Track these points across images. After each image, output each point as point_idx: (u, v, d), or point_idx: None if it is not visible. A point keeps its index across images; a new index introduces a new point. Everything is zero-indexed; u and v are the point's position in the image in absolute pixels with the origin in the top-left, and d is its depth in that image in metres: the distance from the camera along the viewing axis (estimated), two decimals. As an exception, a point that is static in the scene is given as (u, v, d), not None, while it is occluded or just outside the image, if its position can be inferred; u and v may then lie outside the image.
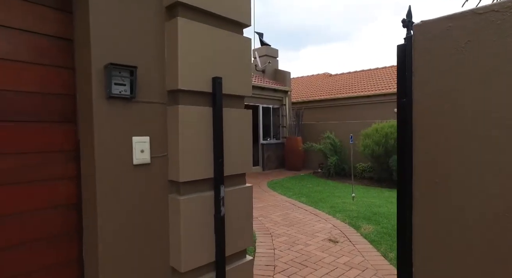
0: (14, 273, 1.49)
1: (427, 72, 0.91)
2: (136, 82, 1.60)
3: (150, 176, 1.69)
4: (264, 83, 12.57)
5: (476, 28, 0.84)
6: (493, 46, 0.80)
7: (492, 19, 0.82)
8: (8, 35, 1.46)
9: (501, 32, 0.81)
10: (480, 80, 0.81)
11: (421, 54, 0.93)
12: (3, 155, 1.45)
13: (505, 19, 0.79)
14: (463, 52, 0.86)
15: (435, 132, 0.91)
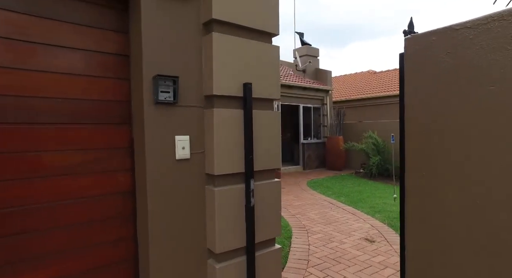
0: (87, 244, 1.86)
1: (415, 79, 1.04)
2: (178, 90, 1.89)
3: (190, 169, 1.97)
4: (305, 83, 12.60)
5: (454, 41, 0.95)
6: (467, 57, 0.91)
7: (466, 34, 0.94)
8: (83, 56, 1.84)
9: (473, 45, 0.92)
10: (457, 87, 0.93)
11: (410, 63, 1.06)
12: (84, 151, 1.83)
13: (476, 34, 0.91)
14: (443, 62, 0.98)
15: (421, 131, 1.03)
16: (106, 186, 1.94)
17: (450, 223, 0.97)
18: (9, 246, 1.65)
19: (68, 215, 1.81)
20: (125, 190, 2.01)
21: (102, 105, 1.92)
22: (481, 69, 0.88)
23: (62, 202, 1.80)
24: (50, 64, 1.75)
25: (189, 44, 1.96)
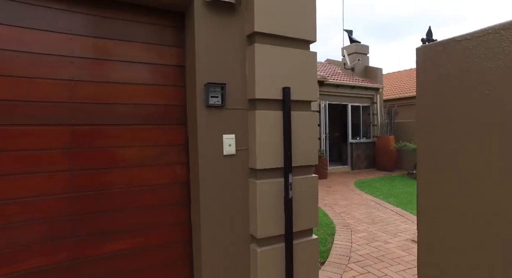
0: (153, 225, 2.25)
1: (424, 84, 1.17)
2: (225, 95, 2.18)
3: (235, 164, 2.26)
4: (353, 81, 12.34)
5: (456, 51, 1.08)
6: (467, 64, 1.03)
7: (466, 45, 1.05)
8: (150, 69, 2.23)
9: (472, 54, 1.04)
10: (459, 91, 1.05)
11: (420, 70, 1.19)
12: (150, 147, 2.23)
13: (474, 45, 1.03)
14: (447, 69, 1.10)
15: (428, 132, 1.16)
16: (167, 177, 2.31)
17: (449, 212, 1.10)
18: (98, 220, 2.09)
19: (139, 199, 2.22)
20: (181, 181, 2.37)
21: (164, 109, 2.30)
22: (478, 75, 1.01)
23: (134, 188, 2.20)
24: (126, 77, 2.17)
25: (235, 54, 2.24)
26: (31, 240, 1.92)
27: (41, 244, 1.94)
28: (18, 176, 1.87)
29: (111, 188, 2.14)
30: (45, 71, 1.95)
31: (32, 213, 1.92)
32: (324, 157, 10.43)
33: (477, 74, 1.00)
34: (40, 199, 1.93)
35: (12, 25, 1.86)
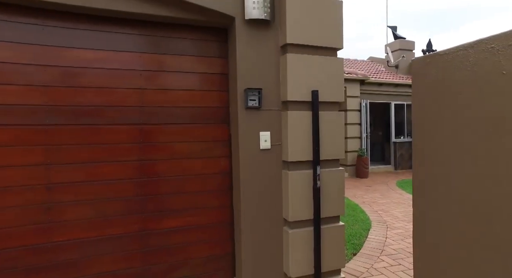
0: (201, 207, 2.72)
1: (416, 90, 1.43)
2: (261, 98, 2.57)
3: (270, 157, 2.63)
4: (397, 79, 12.02)
5: (438, 63, 1.32)
6: (447, 74, 1.29)
7: (446, 58, 1.29)
8: (200, 77, 2.70)
9: (449, 66, 1.28)
10: (442, 97, 1.31)
11: (415, 79, 1.45)
12: (199, 142, 2.70)
13: (451, 59, 1.28)
14: (433, 78, 1.36)
15: (421, 133, 1.42)
16: (213, 167, 2.76)
17: (438, 208, 1.36)
18: (159, 201, 2.61)
19: (190, 185, 2.69)
20: (225, 171, 2.80)
21: (210, 110, 2.75)
22: (455, 83, 1.27)
23: (186, 176, 2.68)
24: (180, 84, 2.66)
25: (270, 63, 2.62)
26: (112, 213, 2.48)
27: (119, 217, 2.50)
28: (104, 163, 2.44)
29: (169, 175, 2.64)
30: (122, 83, 2.50)
31: (113, 192, 2.48)
32: (364, 155, 10.36)
33: (452, 83, 1.26)
34: (119, 181, 2.49)
35: (99, 49, 2.43)
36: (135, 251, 2.57)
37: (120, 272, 2.54)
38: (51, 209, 2.35)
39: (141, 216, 2.57)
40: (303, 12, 2.56)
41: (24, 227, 2.28)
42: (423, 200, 1.45)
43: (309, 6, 2.57)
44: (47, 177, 2.32)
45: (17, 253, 2.27)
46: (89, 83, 2.43)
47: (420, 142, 1.44)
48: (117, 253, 2.53)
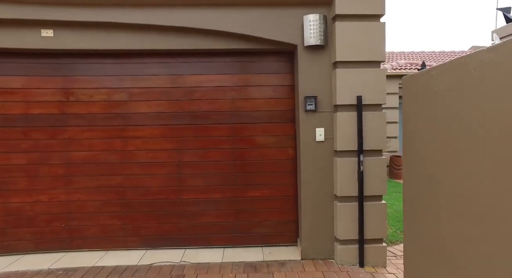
0: (276, 183, 3.76)
1: (405, 103, 2.12)
2: (317, 103, 3.44)
3: (324, 147, 3.48)
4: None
5: (417, 82, 2.00)
6: (422, 89, 1.96)
7: (421, 79, 1.97)
8: (275, 88, 3.74)
9: (426, 83, 1.96)
10: (420, 107, 1.98)
11: (405, 92, 2.14)
12: (273, 136, 3.74)
13: (425, 79, 1.96)
14: (416, 91, 2.03)
15: (408, 137, 2.09)
16: (283, 154, 3.76)
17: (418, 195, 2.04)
18: (245, 178, 3.75)
19: (267, 167, 3.76)
20: (291, 158, 3.77)
21: (281, 112, 3.75)
22: (429, 97, 1.96)
23: (263, 161, 3.76)
24: (260, 94, 3.74)
25: (324, 76, 3.46)
26: (215, 183, 3.74)
27: (219, 186, 3.75)
28: (211, 150, 3.72)
29: (252, 160, 3.76)
30: (220, 95, 3.73)
31: (216, 169, 3.73)
32: (398, 156, 9.68)
33: (429, 95, 1.96)
34: (219, 162, 3.73)
35: (207, 74, 3.71)
36: (229, 210, 3.79)
37: (220, 223, 3.79)
38: (180, 178, 3.74)
39: (233, 187, 3.77)
40: (350, 35, 3.32)
41: (167, 187, 3.73)
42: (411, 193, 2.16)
43: (355, 29, 3.32)
44: (178, 157, 3.72)
45: (163, 202, 3.73)
46: (201, 96, 3.73)
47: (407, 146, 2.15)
48: (218, 211, 3.78)
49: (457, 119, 1.63)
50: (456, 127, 1.62)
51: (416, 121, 1.97)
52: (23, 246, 3.67)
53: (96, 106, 3.70)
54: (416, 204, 2.02)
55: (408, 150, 2.08)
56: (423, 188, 1.91)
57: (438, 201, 1.76)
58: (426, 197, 1.89)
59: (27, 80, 3.63)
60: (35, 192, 3.66)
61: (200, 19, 3.40)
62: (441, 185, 1.72)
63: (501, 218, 1.26)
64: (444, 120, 1.70)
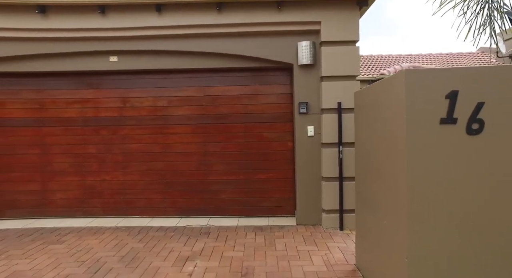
0: (278, 168, 4.94)
1: (355, 111, 3.22)
2: (308, 107, 4.58)
3: (313, 141, 4.61)
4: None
5: (361, 96, 3.13)
6: (363, 102, 3.06)
7: (363, 93, 3.10)
8: (278, 96, 4.92)
9: (365, 97, 3.08)
10: (362, 115, 3.07)
11: (354, 103, 3.25)
12: (276, 132, 4.93)
13: (365, 94, 3.09)
14: (361, 102, 3.15)
15: (357, 135, 3.20)
16: (283, 146, 4.93)
17: (361, 171, 3.15)
18: (254, 163, 4.95)
19: (271, 156, 4.95)
20: (290, 149, 4.93)
21: (282, 114, 4.92)
22: (364, 108, 3.08)
23: (269, 151, 4.94)
24: (266, 100, 4.93)
25: (313, 87, 4.60)
26: (231, 168, 4.97)
27: (235, 171, 4.97)
28: (228, 143, 4.95)
29: (260, 150, 4.96)
30: (236, 101, 4.95)
31: (232, 158, 4.96)
32: None
33: (362, 108, 3.08)
34: (235, 152, 4.96)
35: (226, 85, 4.95)
36: (242, 189, 5.00)
37: (235, 198, 5.01)
38: (206, 164, 4.99)
39: (245, 171, 4.97)
40: (333, 56, 4.43)
41: (197, 171, 5.00)
42: (360, 181, 3.29)
43: (336, 52, 4.43)
44: (204, 148, 4.98)
45: (193, 182, 5.00)
46: (221, 102, 4.96)
47: (356, 142, 3.28)
48: (234, 189, 5.00)
49: (372, 124, 2.78)
50: (372, 128, 2.77)
51: (359, 125, 3.10)
52: (95, 212, 5.05)
53: (144, 110, 5.02)
54: (360, 176, 3.15)
55: (357, 145, 3.20)
56: (363, 166, 3.05)
57: (369, 172, 2.89)
58: (364, 171, 3.01)
59: (97, 92, 5.00)
60: (103, 173, 5.03)
61: (221, 46, 4.63)
62: (371, 163, 2.86)
63: (391, 179, 2.43)
64: (369, 124, 2.83)
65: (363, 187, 3.04)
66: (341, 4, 4.40)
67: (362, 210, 3.13)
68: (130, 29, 4.53)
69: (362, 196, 3.09)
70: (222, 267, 3.32)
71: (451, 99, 2.04)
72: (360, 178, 3.14)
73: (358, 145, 3.17)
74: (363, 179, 3.06)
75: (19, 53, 4.62)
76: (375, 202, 2.72)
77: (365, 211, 3.01)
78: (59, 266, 3.40)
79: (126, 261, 3.50)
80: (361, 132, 3.05)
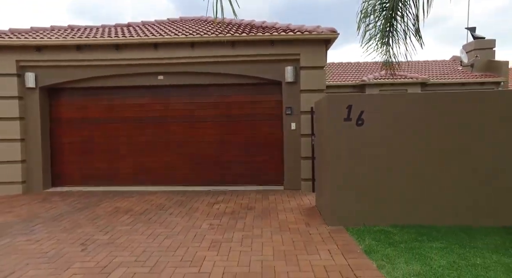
0: (270, 152, 7.21)
1: (315, 116, 5.45)
2: (292, 110, 6.83)
3: (295, 133, 6.86)
4: (466, 78, 13.49)
5: (317, 104, 5.38)
6: (318, 108, 5.28)
7: (318, 103, 5.34)
8: (270, 103, 7.18)
9: (318, 105, 5.33)
10: (318, 115, 5.27)
11: (314, 108, 5.48)
12: (271, 127, 7.19)
13: (318, 102, 5.35)
14: (318, 110, 5.38)
15: (316, 130, 5.40)
16: (275, 137, 7.19)
17: (318, 154, 5.38)
18: (253, 148, 7.22)
19: (267, 143, 7.22)
20: (280, 138, 7.19)
21: (275, 115, 7.18)
22: (318, 111, 5.34)
23: (266, 140, 7.21)
24: (263, 106, 7.19)
25: (295, 96, 6.84)
26: (239, 152, 7.24)
27: (242, 154, 7.24)
28: (237, 135, 7.23)
29: (259, 140, 7.22)
30: (243, 106, 7.22)
31: (241, 145, 7.23)
32: None
33: (318, 111, 5.34)
34: (242, 142, 7.23)
35: (235, 95, 7.22)
36: (247, 166, 7.25)
37: (243, 173, 7.30)
38: (222, 149, 7.26)
39: (249, 154, 7.24)
40: (308, 76, 6.68)
41: (216, 154, 7.28)
42: (318, 157, 5.56)
43: (310, 73, 6.68)
44: (221, 138, 7.26)
45: (213, 162, 7.28)
46: (233, 107, 7.22)
47: (316, 139, 5.54)
48: (241, 166, 7.27)
49: (319, 121, 5.08)
50: (319, 124, 5.08)
51: (316, 122, 5.37)
52: (147, 182, 7.33)
53: (179, 112, 7.29)
54: (318, 153, 5.44)
55: (317, 136, 5.48)
56: (318, 146, 5.33)
57: (320, 150, 5.17)
58: (318, 150, 5.29)
59: (148, 99, 7.28)
60: (152, 156, 7.31)
61: (233, 69, 6.89)
62: (321, 144, 5.15)
63: (326, 151, 4.78)
64: (319, 121, 5.12)
65: (318, 159, 5.30)
66: (313, 43, 6.65)
67: (318, 173, 5.39)
68: (173, 58, 6.81)
69: (318, 165, 5.35)
70: (235, 206, 5.59)
71: (348, 109, 4.29)
72: (318, 154, 5.40)
73: (316, 134, 5.43)
74: (318, 155, 5.31)
75: (100, 74, 6.91)
76: (322, 166, 4.98)
77: (319, 173, 5.27)
78: (138, 205, 5.69)
79: (177, 205, 5.78)
80: (317, 127, 5.31)
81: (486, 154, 4.25)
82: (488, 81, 13.31)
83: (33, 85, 6.79)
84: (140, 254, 3.54)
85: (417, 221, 4.25)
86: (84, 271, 3.14)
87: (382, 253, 3.36)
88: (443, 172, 4.27)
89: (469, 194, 4.25)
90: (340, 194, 4.35)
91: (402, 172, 4.30)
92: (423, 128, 4.28)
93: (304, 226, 4.44)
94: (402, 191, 4.31)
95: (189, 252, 3.56)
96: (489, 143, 4.25)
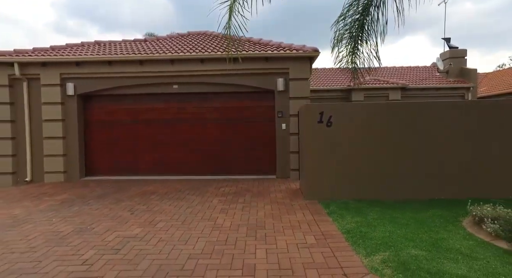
0: (264, 146, 8.78)
1: (300, 119, 7.00)
2: (283, 113, 8.40)
3: (285, 132, 8.43)
4: (441, 83, 15.11)
5: (301, 109, 6.95)
6: (301, 113, 6.87)
7: (302, 109, 6.91)
8: (265, 108, 8.76)
9: (301, 111, 6.91)
10: (302, 118, 6.84)
11: (300, 114, 7.03)
12: (265, 127, 8.76)
13: (301, 108, 6.93)
14: (300, 113, 6.94)
15: (301, 129, 6.95)
16: (269, 135, 8.76)
17: (302, 149, 6.93)
18: (252, 144, 8.80)
19: (262, 140, 8.79)
20: (273, 137, 8.76)
21: (269, 117, 8.75)
22: (302, 115, 6.91)
23: (261, 138, 8.78)
24: (257, 110, 8.77)
25: (286, 102, 8.41)
26: (238, 148, 8.81)
27: (241, 150, 8.81)
28: (236, 134, 8.80)
29: (255, 138, 8.79)
30: (241, 110, 8.79)
31: (240, 142, 8.79)
32: None
33: (302, 115, 6.91)
34: (241, 140, 8.80)
35: (237, 100, 8.79)
36: (246, 160, 8.82)
37: (242, 166, 8.84)
38: (225, 146, 8.83)
39: (246, 149, 8.80)
40: (295, 86, 8.25)
41: (220, 150, 8.84)
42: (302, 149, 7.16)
43: (298, 84, 8.25)
44: (222, 136, 8.82)
45: (218, 157, 8.84)
46: (233, 111, 8.79)
47: (300, 137, 7.13)
48: (240, 160, 8.83)
49: (302, 123, 6.71)
50: (302, 125, 6.70)
51: (300, 124, 6.96)
52: (164, 172, 8.87)
53: (189, 114, 8.84)
54: (302, 148, 7.04)
55: (301, 134, 7.07)
56: (301, 142, 6.93)
57: (303, 145, 6.77)
58: (302, 145, 6.88)
59: (165, 104, 8.82)
60: (167, 151, 8.85)
61: (234, 80, 8.46)
62: (303, 141, 6.75)
63: (307, 146, 6.41)
64: (302, 123, 6.72)
65: (301, 152, 6.88)
66: (300, 60, 8.23)
67: (301, 163, 6.97)
68: (186, 71, 8.36)
69: (301, 157, 6.93)
70: (237, 189, 7.16)
71: (321, 114, 5.87)
72: (301, 148, 6.99)
73: (300, 133, 7.00)
74: (302, 149, 6.89)
75: (126, 84, 8.45)
76: (303, 157, 6.55)
77: (302, 163, 6.84)
78: (161, 189, 7.24)
79: (192, 188, 7.33)
80: (301, 128, 6.88)
81: (426, 149, 5.85)
82: (459, 86, 14.92)
83: (72, 93, 8.32)
84: (172, 216, 5.10)
85: (372, 196, 5.81)
86: (138, 224, 4.70)
87: (338, 213, 4.94)
88: (391, 161, 5.86)
89: (410, 177, 5.85)
90: (314, 176, 5.93)
91: (361, 161, 5.88)
92: (378, 127, 5.87)
93: (288, 200, 6.02)
94: (360, 175, 5.88)
95: (206, 214, 5.13)
96: (432, 142, 5.85)
